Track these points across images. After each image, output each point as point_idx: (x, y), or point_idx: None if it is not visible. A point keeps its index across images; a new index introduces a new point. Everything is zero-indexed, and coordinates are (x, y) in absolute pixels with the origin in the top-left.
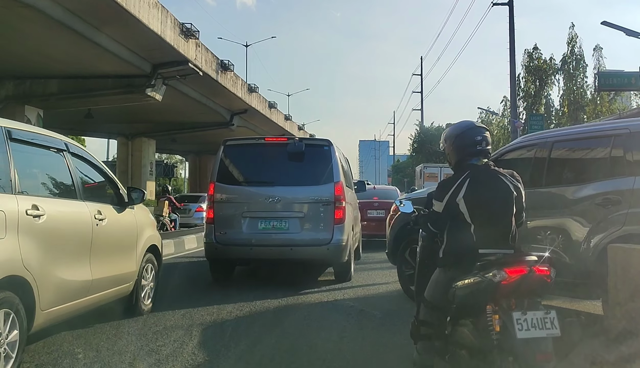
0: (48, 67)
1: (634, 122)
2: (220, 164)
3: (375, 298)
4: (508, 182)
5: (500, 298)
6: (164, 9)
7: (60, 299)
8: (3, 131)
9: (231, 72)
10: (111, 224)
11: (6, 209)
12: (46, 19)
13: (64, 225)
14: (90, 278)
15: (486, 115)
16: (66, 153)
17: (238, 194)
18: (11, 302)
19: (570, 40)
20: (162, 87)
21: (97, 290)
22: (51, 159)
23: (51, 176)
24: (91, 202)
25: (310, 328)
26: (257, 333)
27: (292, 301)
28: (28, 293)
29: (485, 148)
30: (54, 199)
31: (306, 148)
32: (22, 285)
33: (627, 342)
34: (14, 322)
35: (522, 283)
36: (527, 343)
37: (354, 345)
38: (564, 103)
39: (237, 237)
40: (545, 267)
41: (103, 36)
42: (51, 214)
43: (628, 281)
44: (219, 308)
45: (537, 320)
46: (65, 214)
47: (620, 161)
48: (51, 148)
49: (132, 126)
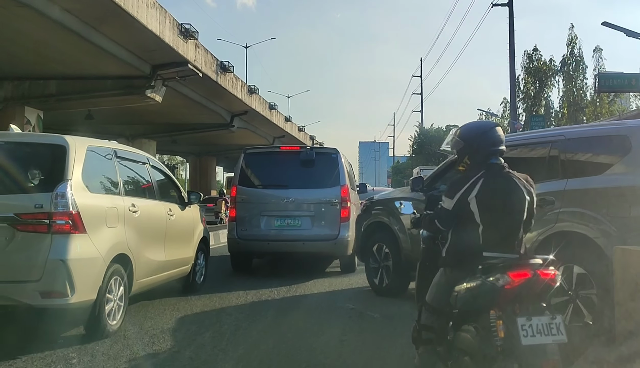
0: (47, 68)
1: (568, 130)
2: (241, 169)
3: (375, 301)
4: (522, 187)
5: (504, 303)
6: (163, 9)
7: (147, 273)
8: (112, 152)
9: (231, 74)
10: (178, 219)
11: (117, 206)
12: (43, 19)
13: (150, 218)
14: (165, 259)
15: (486, 116)
16: (147, 165)
17: (257, 196)
18: (120, 272)
19: (570, 41)
20: (161, 89)
21: (168, 269)
22: (139, 170)
23: (140, 182)
24: (164, 201)
25: (309, 331)
26: (256, 336)
27: (292, 305)
28: (129, 267)
29: (500, 150)
30: (143, 199)
31: (316, 156)
32: (126, 260)
33: (627, 342)
34: (122, 285)
35: (527, 288)
36: (532, 349)
37: (353, 349)
38: (564, 105)
39: (256, 233)
40: (551, 270)
41: (101, 37)
42: (142, 210)
43: (628, 281)
44: (218, 311)
45: (542, 326)
46: (150, 210)
47: (555, 164)
48: (138, 161)
49: (133, 127)
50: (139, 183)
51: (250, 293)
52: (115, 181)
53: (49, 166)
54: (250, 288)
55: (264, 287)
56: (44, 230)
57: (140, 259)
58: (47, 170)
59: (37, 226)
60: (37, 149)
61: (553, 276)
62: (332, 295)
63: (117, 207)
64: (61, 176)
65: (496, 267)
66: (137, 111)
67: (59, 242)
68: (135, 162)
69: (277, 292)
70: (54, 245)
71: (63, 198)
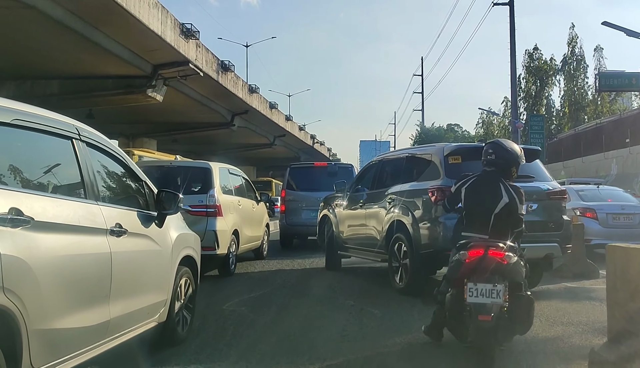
0: (49, 68)
1: (411, 149)
2: (288, 178)
3: (376, 297)
4: (504, 190)
5: (471, 274)
6: (164, 9)
7: (244, 242)
8: (227, 169)
9: (232, 73)
10: (256, 211)
11: (233, 202)
12: (46, 19)
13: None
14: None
15: (487, 115)
16: (240, 176)
17: (298, 196)
18: (235, 239)
19: (571, 40)
20: (162, 88)
21: (252, 241)
22: (238, 180)
23: (240, 187)
24: (249, 199)
25: (310, 327)
26: (258, 332)
27: (293, 301)
28: (238, 237)
29: (495, 160)
30: (242, 198)
31: (338, 168)
32: (237, 233)
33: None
34: (235, 246)
35: (480, 263)
36: (474, 306)
37: (354, 344)
38: (565, 104)
39: (298, 221)
40: (500, 251)
41: (103, 36)
42: (242, 204)
43: (628, 281)
44: (220, 307)
45: (485, 290)
46: (245, 204)
47: (400, 173)
48: (238, 175)
49: (133, 127)
50: (239, 187)
51: (251, 293)
52: (230, 187)
53: (203, 179)
54: (251, 289)
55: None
56: (203, 214)
57: (242, 233)
58: (202, 181)
59: (200, 213)
60: (195, 170)
61: (502, 255)
62: (331, 293)
63: (233, 202)
64: (211, 185)
65: (465, 245)
66: (137, 110)
67: (211, 221)
68: (237, 175)
69: (281, 291)
70: (208, 222)
71: (212, 197)
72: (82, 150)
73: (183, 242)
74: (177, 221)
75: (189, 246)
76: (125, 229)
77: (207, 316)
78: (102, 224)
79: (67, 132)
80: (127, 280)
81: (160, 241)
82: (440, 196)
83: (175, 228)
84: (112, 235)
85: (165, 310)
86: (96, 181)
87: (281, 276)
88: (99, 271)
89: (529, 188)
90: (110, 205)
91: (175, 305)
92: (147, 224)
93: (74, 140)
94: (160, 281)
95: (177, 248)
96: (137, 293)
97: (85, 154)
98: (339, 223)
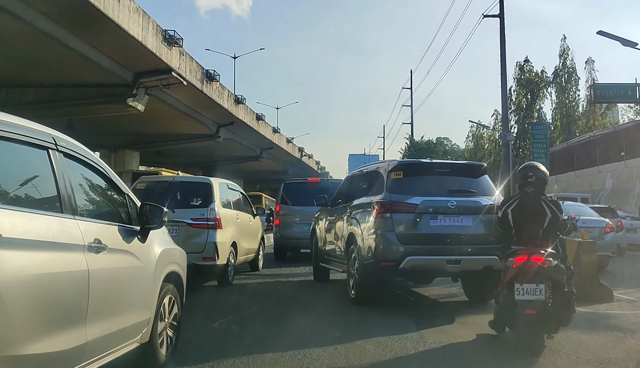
0: (23, 76)
1: (373, 165)
2: (282, 193)
3: (375, 297)
4: (545, 206)
5: (518, 277)
6: (146, 14)
7: (241, 254)
8: (226, 184)
9: (217, 83)
10: (252, 224)
11: (232, 215)
12: (19, 23)
13: (242, 223)
14: (247, 247)
15: (477, 129)
16: (239, 191)
17: (292, 211)
18: (233, 250)
19: (562, 52)
20: (144, 97)
21: (248, 253)
22: (237, 195)
23: (238, 201)
24: (246, 213)
25: (309, 328)
26: (257, 333)
27: (292, 302)
28: (236, 249)
29: (535, 181)
30: (239, 212)
31: (329, 184)
32: (235, 245)
33: None
34: (234, 257)
35: (524, 267)
36: (522, 302)
37: (353, 345)
38: (557, 116)
39: (291, 235)
40: (541, 257)
41: (81, 43)
42: (240, 218)
43: None
44: (220, 309)
45: (530, 289)
46: (242, 218)
47: (361, 188)
48: (237, 190)
49: (115, 138)
50: (237, 201)
51: (250, 296)
52: (229, 201)
53: (204, 193)
54: (251, 293)
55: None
56: (204, 227)
57: (240, 245)
58: (203, 196)
59: (201, 225)
60: (196, 185)
61: (542, 260)
62: (330, 294)
63: (232, 216)
64: (211, 199)
65: (513, 253)
66: (119, 121)
67: (211, 233)
68: (235, 190)
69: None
70: (209, 234)
71: (213, 211)
72: (58, 161)
73: (168, 258)
74: (161, 236)
75: (174, 261)
76: (104, 245)
77: (196, 333)
78: (79, 239)
79: (43, 141)
80: (106, 298)
81: (143, 257)
82: (380, 210)
83: (159, 243)
84: (91, 251)
85: (148, 330)
86: (74, 194)
87: (274, 287)
88: (75, 291)
89: (469, 202)
90: (89, 220)
91: (159, 325)
92: (129, 240)
93: (50, 150)
94: (142, 300)
95: (161, 264)
96: (117, 313)
97: (62, 165)
98: (320, 236)
